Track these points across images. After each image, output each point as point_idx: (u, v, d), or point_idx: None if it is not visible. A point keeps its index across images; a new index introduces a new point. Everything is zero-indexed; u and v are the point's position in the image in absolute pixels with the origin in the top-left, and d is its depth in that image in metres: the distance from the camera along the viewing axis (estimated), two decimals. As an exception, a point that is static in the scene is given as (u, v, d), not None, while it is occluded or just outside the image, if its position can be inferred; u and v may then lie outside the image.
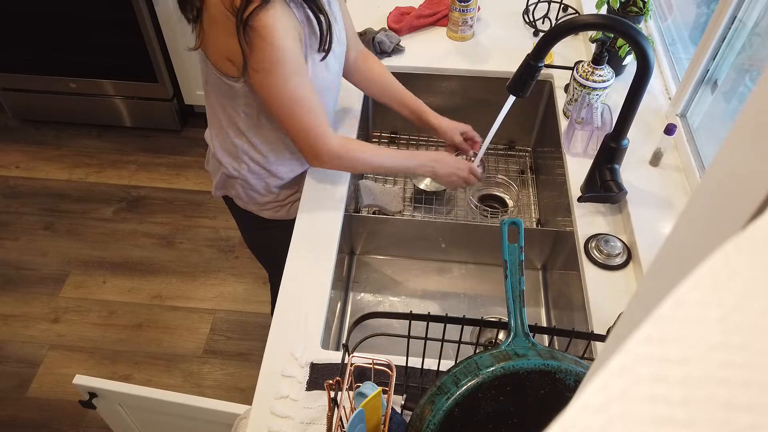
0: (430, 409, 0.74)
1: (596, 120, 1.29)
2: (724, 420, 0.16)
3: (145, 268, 2.26)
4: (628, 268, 1.14)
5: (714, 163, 0.27)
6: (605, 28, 1.06)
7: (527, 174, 1.63)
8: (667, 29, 1.55)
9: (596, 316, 1.07)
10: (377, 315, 0.86)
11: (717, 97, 1.27)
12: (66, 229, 2.38)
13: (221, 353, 2.03)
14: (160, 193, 2.48)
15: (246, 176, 1.26)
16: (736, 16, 1.19)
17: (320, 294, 1.09)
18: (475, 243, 1.37)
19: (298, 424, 0.93)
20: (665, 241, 0.29)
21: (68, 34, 2.37)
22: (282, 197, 1.32)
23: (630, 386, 0.17)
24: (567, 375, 0.73)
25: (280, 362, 1.00)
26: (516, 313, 0.79)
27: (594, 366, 0.30)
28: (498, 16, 1.68)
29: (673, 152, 1.31)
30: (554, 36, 1.06)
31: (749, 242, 0.20)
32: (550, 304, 1.38)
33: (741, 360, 0.17)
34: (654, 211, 1.19)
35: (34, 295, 2.18)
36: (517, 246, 0.82)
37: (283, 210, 1.34)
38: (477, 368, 0.74)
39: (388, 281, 1.41)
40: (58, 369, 2.00)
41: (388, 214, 1.46)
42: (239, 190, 1.30)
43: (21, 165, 2.61)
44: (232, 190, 1.32)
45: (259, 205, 1.32)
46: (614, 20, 1.05)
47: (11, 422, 1.89)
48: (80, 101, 2.59)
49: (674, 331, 0.18)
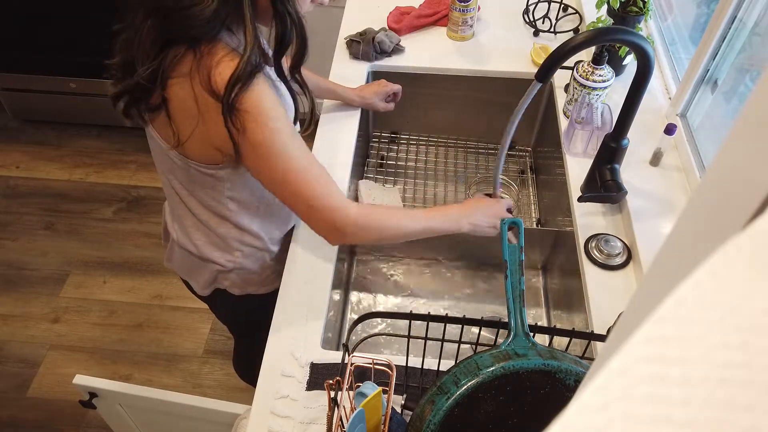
0: (430, 409, 0.74)
1: (596, 120, 1.29)
2: (724, 420, 0.16)
3: (145, 268, 2.26)
4: (628, 268, 1.14)
5: (714, 163, 0.27)
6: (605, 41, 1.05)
7: (527, 174, 1.63)
8: (667, 29, 1.55)
9: (596, 316, 1.07)
10: (377, 315, 0.86)
11: (717, 97, 1.27)
12: (66, 229, 2.38)
13: (221, 353, 2.03)
14: (160, 193, 2.48)
15: (242, 263, 1.14)
16: (736, 16, 1.19)
17: (320, 294, 1.09)
18: (475, 243, 1.37)
19: (298, 424, 0.93)
20: (665, 241, 0.29)
21: (68, 34, 2.37)
22: (279, 261, 1.19)
23: (630, 386, 0.17)
24: (567, 375, 0.73)
25: (280, 362, 1.00)
26: (516, 313, 0.79)
27: (594, 366, 0.30)
28: (498, 16, 1.68)
29: (673, 152, 1.31)
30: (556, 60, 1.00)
31: (749, 242, 0.20)
32: (550, 304, 1.38)
33: (741, 360, 0.17)
34: (654, 211, 1.19)
35: (34, 295, 2.18)
36: (517, 246, 0.82)
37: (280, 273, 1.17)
38: (477, 368, 0.74)
39: (388, 281, 1.41)
40: (58, 369, 2.00)
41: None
42: (234, 278, 1.16)
43: (21, 165, 2.61)
44: (225, 281, 1.17)
45: (257, 285, 1.19)
46: (608, 31, 1.04)
47: (11, 422, 1.89)
48: (80, 101, 2.59)
49: (674, 331, 0.18)
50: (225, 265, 1.13)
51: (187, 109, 0.89)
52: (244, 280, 1.17)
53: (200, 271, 1.16)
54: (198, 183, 1.02)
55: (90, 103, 2.60)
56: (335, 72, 1.53)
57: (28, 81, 2.54)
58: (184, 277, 1.25)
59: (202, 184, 1.02)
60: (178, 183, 1.04)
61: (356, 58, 1.55)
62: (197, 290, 1.22)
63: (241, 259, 1.13)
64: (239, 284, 1.17)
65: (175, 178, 1.04)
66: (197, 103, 0.88)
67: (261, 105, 0.87)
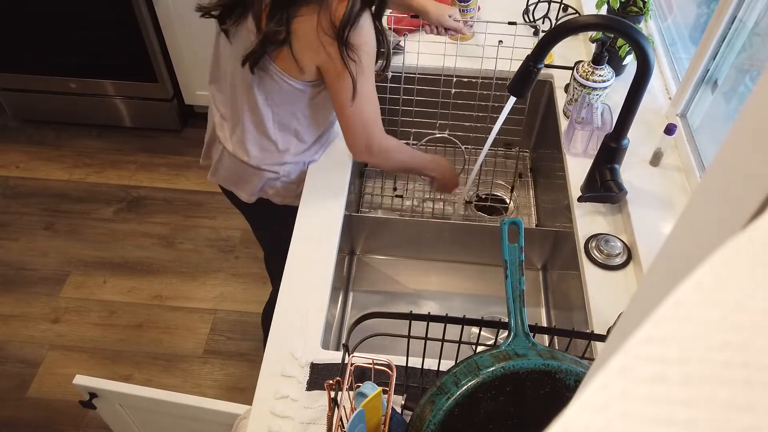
0: (430, 409, 0.74)
1: (596, 120, 1.29)
2: (725, 420, 0.16)
3: (145, 268, 2.26)
4: (628, 268, 1.14)
5: (714, 163, 0.27)
6: (605, 28, 1.06)
7: (527, 174, 1.63)
8: (667, 29, 1.55)
9: (596, 316, 1.07)
10: (377, 315, 0.86)
11: (717, 97, 1.27)
12: (66, 230, 2.38)
13: (221, 353, 2.03)
14: (160, 193, 2.48)
15: (288, 171, 1.29)
16: (736, 15, 1.19)
17: (320, 294, 1.09)
18: (475, 243, 1.37)
19: (298, 424, 0.93)
20: (665, 241, 0.29)
21: (68, 34, 2.37)
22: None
23: (630, 386, 0.17)
24: (567, 375, 0.73)
25: (280, 362, 1.00)
26: (516, 313, 0.79)
27: (594, 366, 0.30)
28: (498, 16, 1.68)
29: (673, 152, 1.31)
30: (555, 37, 1.07)
31: (749, 242, 0.20)
32: (550, 304, 1.38)
33: (741, 360, 0.17)
34: (654, 211, 1.19)
35: (34, 295, 2.18)
36: (517, 246, 0.82)
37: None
38: (477, 368, 0.74)
39: (388, 281, 1.41)
40: (58, 369, 2.00)
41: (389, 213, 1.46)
42: (278, 187, 1.32)
43: (21, 165, 2.61)
44: (270, 190, 1.32)
45: (294, 197, 1.32)
46: (614, 20, 1.05)
47: (11, 422, 1.89)
48: (80, 101, 2.59)
49: (674, 331, 0.18)
50: (276, 171, 1.28)
51: (309, 42, 1.06)
52: (286, 190, 1.32)
53: (250, 178, 1.30)
54: (283, 97, 1.18)
55: (90, 103, 2.60)
56: (335, 72, 1.52)
57: (28, 81, 2.54)
58: (229, 188, 1.37)
59: (286, 98, 1.18)
60: (263, 97, 1.18)
61: (356, 58, 1.55)
62: (243, 197, 1.35)
63: (289, 167, 1.29)
64: (281, 193, 1.33)
65: (262, 92, 1.17)
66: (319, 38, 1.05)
67: (369, 41, 1.08)
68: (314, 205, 1.24)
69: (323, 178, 1.29)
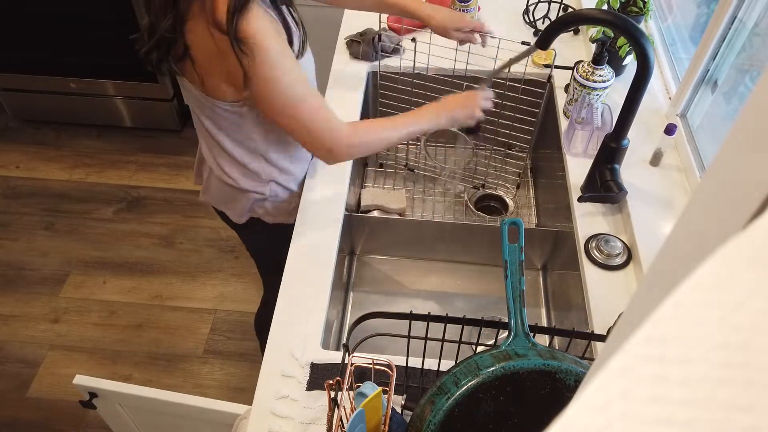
0: (430, 409, 0.74)
1: (596, 120, 1.29)
2: (725, 420, 0.16)
3: (145, 268, 2.26)
4: (628, 268, 1.14)
5: (714, 163, 0.27)
6: (610, 24, 1.06)
7: (527, 173, 1.63)
8: (667, 29, 1.55)
9: (596, 316, 1.07)
10: (377, 315, 0.86)
11: (717, 97, 1.27)
12: (66, 230, 2.38)
13: (221, 353, 2.03)
14: (160, 193, 2.48)
15: (275, 191, 1.25)
16: (736, 16, 1.19)
17: (320, 294, 1.09)
18: (475, 243, 1.37)
19: (298, 424, 0.93)
20: (665, 241, 0.29)
21: (68, 34, 2.37)
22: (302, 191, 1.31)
23: (630, 386, 0.17)
24: (567, 375, 0.73)
25: (280, 362, 1.00)
26: (516, 313, 0.79)
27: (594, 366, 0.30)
28: (498, 16, 1.68)
29: (673, 152, 1.31)
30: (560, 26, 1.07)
31: (749, 242, 0.20)
32: (550, 304, 1.38)
33: (741, 360, 0.17)
34: (654, 211, 1.19)
35: (34, 295, 2.18)
36: (517, 246, 0.82)
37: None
38: (477, 368, 0.74)
39: (388, 281, 1.41)
40: (58, 369, 2.00)
41: (389, 212, 1.46)
42: (268, 207, 1.28)
43: (21, 165, 2.61)
44: (259, 209, 1.29)
45: (287, 215, 1.30)
46: (619, 17, 1.04)
47: (11, 422, 1.89)
48: (80, 101, 2.59)
49: (674, 331, 0.18)
50: (262, 192, 1.24)
51: (206, 49, 0.97)
52: (276, 209, 1.29)
53: (238, 199, 1.26)
54: (227, 122, 1.12)
55: (90, 103, 2.60)
56: (335, 72, 1.53)
57: (28, 81, 2.54)
58: (219, 208, 1.33)
59: (233, 124, 1.12)
60: (211, 123, 1.13)
61: (356, 58, 1.55)
62: (233, 218, 1.31)
63: (276, 188, 1.25)
64: (272, 212, 1.29)
65: (208, 119, 1.13)
66: (214, 40, 0.95)
67: (260, 32, 0.94)
68: (314, 205, 1.24)
69: (323, 179, 1.29)
